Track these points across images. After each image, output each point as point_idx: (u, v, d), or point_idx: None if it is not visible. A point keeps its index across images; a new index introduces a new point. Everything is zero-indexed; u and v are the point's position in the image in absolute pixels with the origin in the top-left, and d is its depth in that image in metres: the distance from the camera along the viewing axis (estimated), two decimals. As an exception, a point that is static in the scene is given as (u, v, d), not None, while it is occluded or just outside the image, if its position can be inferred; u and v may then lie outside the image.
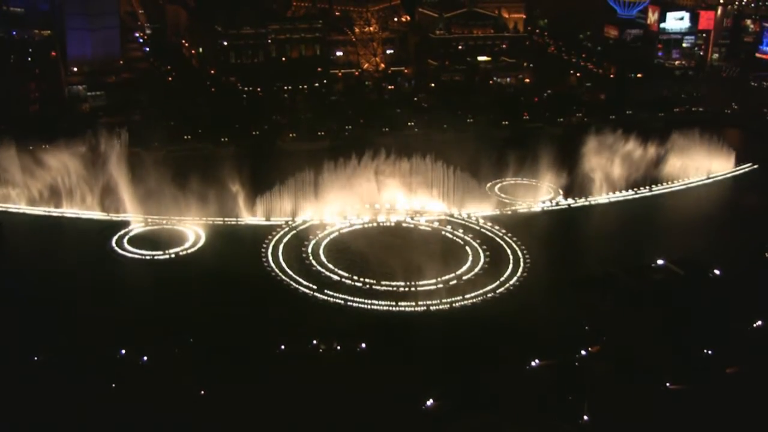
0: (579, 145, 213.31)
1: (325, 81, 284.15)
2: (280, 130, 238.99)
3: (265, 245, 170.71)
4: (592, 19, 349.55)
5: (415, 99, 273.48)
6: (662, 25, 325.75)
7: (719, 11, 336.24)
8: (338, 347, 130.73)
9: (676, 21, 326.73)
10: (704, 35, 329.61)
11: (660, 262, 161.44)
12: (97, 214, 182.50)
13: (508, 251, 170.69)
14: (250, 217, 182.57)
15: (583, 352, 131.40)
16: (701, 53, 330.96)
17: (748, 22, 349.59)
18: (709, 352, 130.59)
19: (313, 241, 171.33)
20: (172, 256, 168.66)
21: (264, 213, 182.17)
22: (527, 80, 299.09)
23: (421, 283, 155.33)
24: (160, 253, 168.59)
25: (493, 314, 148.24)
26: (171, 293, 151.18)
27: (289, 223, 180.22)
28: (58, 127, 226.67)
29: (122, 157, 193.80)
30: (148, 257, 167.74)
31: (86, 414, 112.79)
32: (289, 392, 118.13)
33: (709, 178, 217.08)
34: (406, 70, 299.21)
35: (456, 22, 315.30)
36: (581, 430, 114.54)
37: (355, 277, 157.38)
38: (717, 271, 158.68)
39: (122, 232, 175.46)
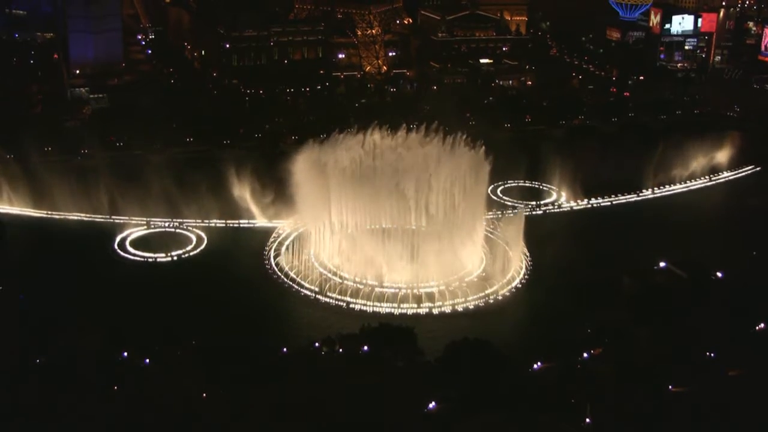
0: (581, 147, 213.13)
1: (327, 83, 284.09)
2: (282, 133, 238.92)
3: (267, 247, 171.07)
4: (594, 21, 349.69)
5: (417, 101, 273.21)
6: (666, 26, 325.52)
7: (721, 14, 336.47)
8: (340, 349, 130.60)
9: (679, 24, 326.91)
10: (706, 38, 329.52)
11: (662, 264, 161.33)
12: (99, 217, 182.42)
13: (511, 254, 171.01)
14: (251, 219, 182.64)
15: (585, 355, 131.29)
16: (703, 56, 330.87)
17: (751, 24, 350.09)
18: (712, 354, 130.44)
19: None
20: (174, 258, 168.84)
21: (266, 215, 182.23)
22: (529, 83, 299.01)
23: (423, 285, 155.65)
24: (162, 255, 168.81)
25: (496, 316, 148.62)
26: (173, 295, 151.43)
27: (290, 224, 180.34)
28: (59, 129, 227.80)
29: (123, 160, 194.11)
30: (150, 259, 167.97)
31: (87, 416, 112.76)
32: (292, 394, 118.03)
33: (711, 181, 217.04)
34: (408, 73, 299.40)
35: (458, 25, 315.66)
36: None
37: (357, 279, 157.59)
38: (719, 274, 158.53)
39: (124, 234, 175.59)
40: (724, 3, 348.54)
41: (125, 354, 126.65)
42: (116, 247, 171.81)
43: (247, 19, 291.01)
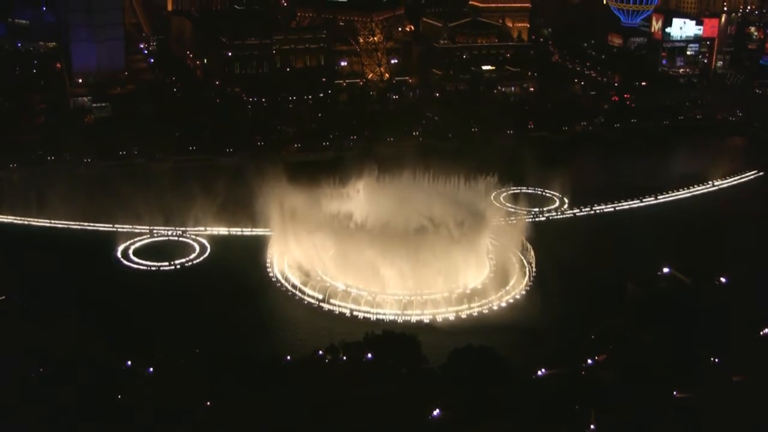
0: (583, 153, 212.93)
1: (329, 91, 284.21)
2: (284, 141, 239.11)
3: (270, 255, 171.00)
4: (596, 27, 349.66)
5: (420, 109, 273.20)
6: (667, 30, 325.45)
7: (723, 19, 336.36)
8: (344, 357, 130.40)
9: (680, 29, 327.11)
10: (708, 43, 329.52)
11: (666, 270, 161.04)
12: (102, 226, 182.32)
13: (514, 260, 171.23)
14: (254, 227, 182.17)
15: (589, 361, 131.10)
16: (705, 61, 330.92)
17: (752, 29, 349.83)
18: (716, 360, 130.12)
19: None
20: (177, 267, 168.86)
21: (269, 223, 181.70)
22: (531, 89, 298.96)
23: (426, 292, 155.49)
24: (165, 264, 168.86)
25: (500, 323, 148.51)
26: (176, 303, 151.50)
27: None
28: (61, 138, 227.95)
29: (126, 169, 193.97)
30: (153, 268, 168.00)
31: (91, 425, 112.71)
32: (295, 402, 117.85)
33: (714, 186, 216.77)
34: (410, 80, 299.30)
35: (460, 32, 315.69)
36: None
37: (360, 286, 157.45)
38: (723, 279, 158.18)
39: (127, 243, 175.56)
40: (725, 8, 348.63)
41: (129, 362, 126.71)
42: (119, 255, 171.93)
43: (249, 28, 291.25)
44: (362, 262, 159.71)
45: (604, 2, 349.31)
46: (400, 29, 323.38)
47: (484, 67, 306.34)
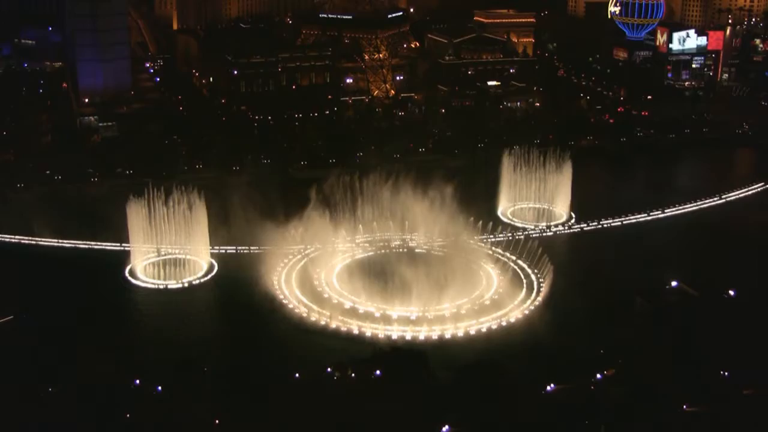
0: (590, 167, 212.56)
1: (335, 108, 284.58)
2: (291, 158, 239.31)
3: (277, 273, 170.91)
4: (601, 41, 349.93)
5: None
6: (671, 46, 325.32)
7: (728, 31, 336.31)
8: (353, 374, 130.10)
9: (687, 41, 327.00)
10: (713, 55, 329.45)
11: (674, 283, 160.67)
12: (110, 245, 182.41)
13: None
14: (262, 245, 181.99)
15: (598, 376, 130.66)
16: (711, 73, 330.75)
17: (758, 41, 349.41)
18: (726, 373, 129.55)
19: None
20: (185, 285, 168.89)
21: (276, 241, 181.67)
22: (537, 104, 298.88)
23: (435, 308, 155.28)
24: (173, 282, 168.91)
25: (509, 338, 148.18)
26: (183, 322, 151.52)
27: (301, 250, 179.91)
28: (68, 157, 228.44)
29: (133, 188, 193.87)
30: (161, 287, 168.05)
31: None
32: (304, 419, 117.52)
33: (721, 199, 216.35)
34: (416, 96, 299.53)
35: (465, 48, 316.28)
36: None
37: (369, 303, 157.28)
38: (732, 292, 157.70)
39: (135, 261, 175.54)
40: (730, 20, 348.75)
41: (137, 381, 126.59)
42: (127, 274, 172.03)
43: (254, 46, 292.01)
44: (368, 281, 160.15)
45: (609, 16, 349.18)
46: (405, 46, 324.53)
47: (490, 83, 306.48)
